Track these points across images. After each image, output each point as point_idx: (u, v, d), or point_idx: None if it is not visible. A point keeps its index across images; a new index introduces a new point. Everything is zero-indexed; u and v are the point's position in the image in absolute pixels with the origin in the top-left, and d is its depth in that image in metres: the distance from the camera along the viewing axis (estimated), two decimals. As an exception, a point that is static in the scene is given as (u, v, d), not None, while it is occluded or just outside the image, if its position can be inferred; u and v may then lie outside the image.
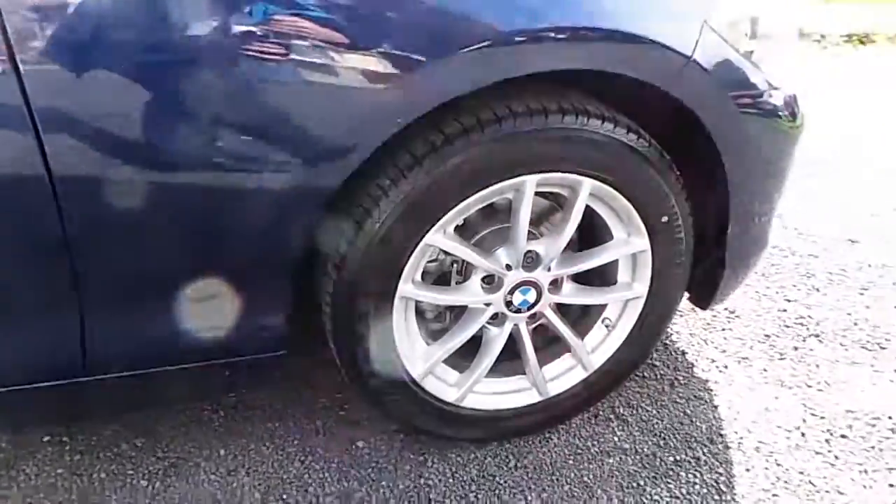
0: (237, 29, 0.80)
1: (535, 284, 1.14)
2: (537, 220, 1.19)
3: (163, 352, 0.97)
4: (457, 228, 1.13)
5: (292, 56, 0.83)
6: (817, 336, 1.62)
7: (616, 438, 1.31)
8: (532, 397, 1.25)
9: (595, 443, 1.30)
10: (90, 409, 1.08)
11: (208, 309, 0.96)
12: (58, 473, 1.19)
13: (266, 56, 0.82)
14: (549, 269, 1.14)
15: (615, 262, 1.20)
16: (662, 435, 1.32)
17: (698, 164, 1.15)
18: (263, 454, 1.25)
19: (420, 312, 1.19)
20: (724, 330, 1.65)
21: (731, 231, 1.20)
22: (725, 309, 1.72)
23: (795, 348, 1.58)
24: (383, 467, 1.23)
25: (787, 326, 1.66)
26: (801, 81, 1.25)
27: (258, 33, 0.81)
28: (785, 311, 1.73)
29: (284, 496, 1.16)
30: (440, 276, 1.18)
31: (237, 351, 1.01)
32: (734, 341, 1.61)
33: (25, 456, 1.22)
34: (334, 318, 1.05)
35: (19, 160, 0.78)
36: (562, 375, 1.27)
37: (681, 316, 1.68)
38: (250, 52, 0.81)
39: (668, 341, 1.60)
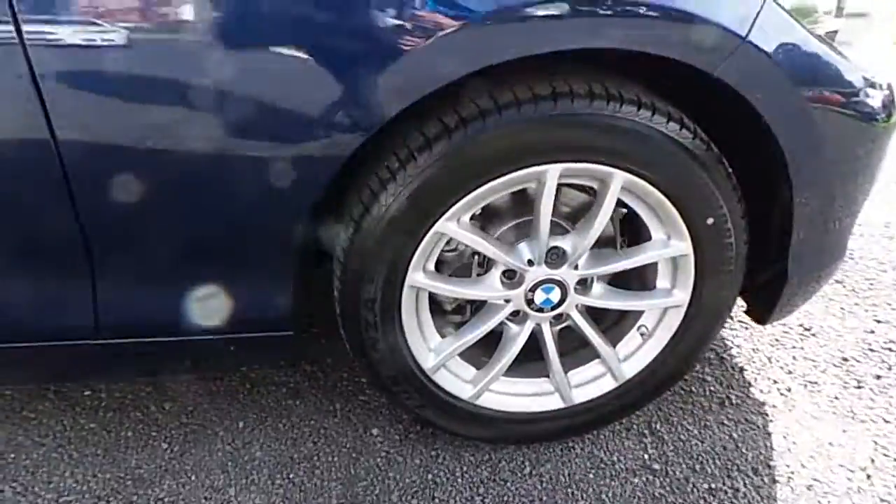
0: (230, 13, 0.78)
1: (559, 283, 1.05)
2: (574, 215, 1.10)
3: (168, 323, 0.98)
4: (483, 216, 1.08)
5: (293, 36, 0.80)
6: (907, 365, 1.42)
7: (646, 456, 1.20)
8: (555, 402, 1.17)
9: (622, 458, 1.20)
10: (98, 372, 1.12)
11: (213, 284, 0.96)
12: (90, 427, 1.25)
13: (265, 38, 0.80)
14: (576, 268, 1.05)
15: (654, 265, 1.09)
16: (700, 458, 1.20)
17: (762, 161, 1.01)
18: (279, 431, 1.25)
19: (438, 303, 1.14)
20: (794, 348, 1.47)
21: (794, 238, 1.06)
22: (800, 325, 1.54)
23: (878, 377, 1.39)
24: (393, 458, 1.20)
25: (872, 350, 1.46)
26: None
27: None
28: (872, 332, 1.52)
29: (291, 475, 1.16)
30: (462, 266, 1.12)
31: (241, 328, 1.00)
32: (804, 362, 1.43)
33: (65, 408, 1.29)
34: (342, 303, 1.02)
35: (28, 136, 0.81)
36: (589, 383, 1.18)
37: (745, 328, 1.53)
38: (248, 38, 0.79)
39: (725, 355, 1.45)
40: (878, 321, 1.56)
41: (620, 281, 1.15)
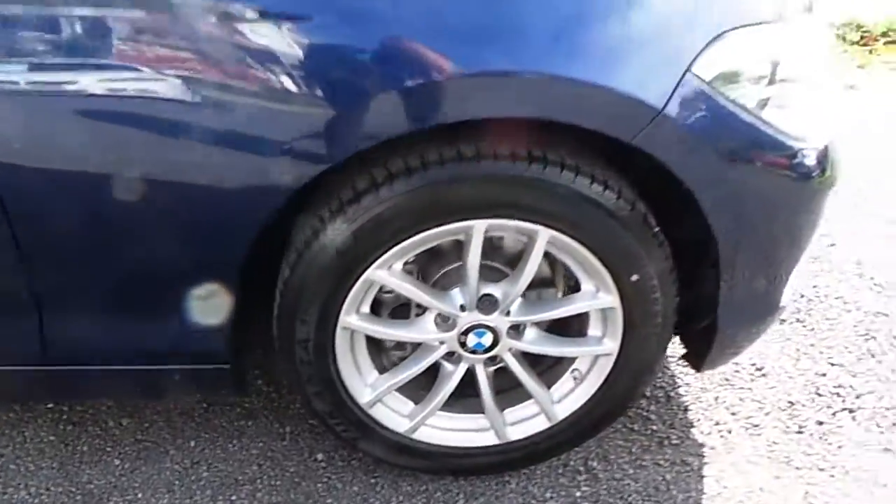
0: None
1: (491, 328, 1.09)
2: (515, 259, 1.13)
3: (112, 351, 1.03)
4: (421, 260, 1.11)
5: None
6: (851, 412, 1.43)
7: (578, 494, 1.24)
8: (490, 439, 1.21)
9: (554, 495, 1.23)
10: (47, 395, 1.18)
11: (152, 315, 1.01)
12: (49, 440, 1.31)
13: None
14: (507, 314, 1.08)
15: (587, 313, 1.12)
16: (631, 499, 1.23)
17: (691, 221, 1.03)
18: (228, 451, 1.30)
19: (378, 340, 1.18)
20: (742, 388, 1.49)
21: (722, 293, 1.08)
22: (753, 364, 1.56)
23: (820, 423, 1.41)
24: (333, 484, 1.24)
25: (819, 395, 1.48)
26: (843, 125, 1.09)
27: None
28: (824, 375, 1.54)
29: (233, 498, 1.21)
30: (400, 306, 1.16)
31: (178, 360, 1.05)
32: (750, 404, 1.46)
33: (28, 420, 1.35)
34: (279, 338, 1.07)
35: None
36: (524, 421, 1.21)
37: (697, 366, 1.55)
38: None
39: (672, 393, 1.48)
40: (832, 364, 1.57)
41: (560, 325, 1.18)
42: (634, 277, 1.02)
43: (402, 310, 1.16)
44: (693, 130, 0.91)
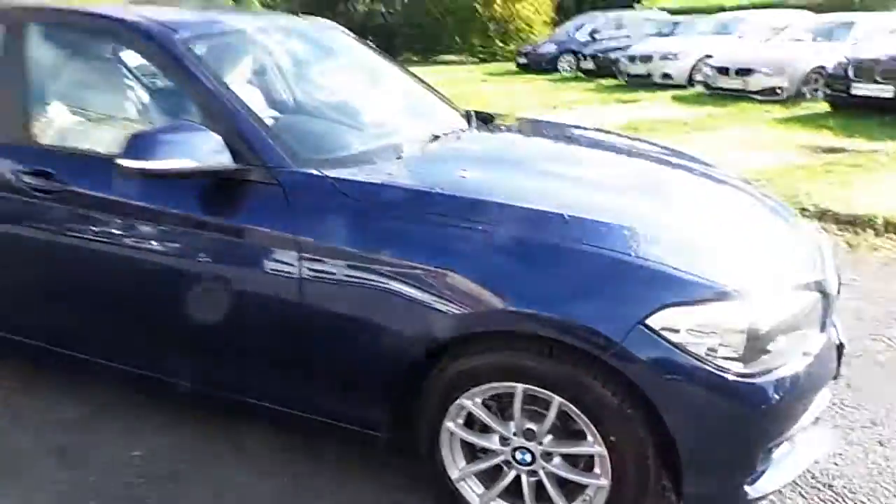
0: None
1: (530, 450, 1.79)
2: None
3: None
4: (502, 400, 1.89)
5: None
6: None
7: (581, 584, 1.80)
8: (532, 528, 1.87)
9: (564, 579, 1.82)
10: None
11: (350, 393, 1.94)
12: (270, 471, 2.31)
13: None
14: (540, 444, 1.78)
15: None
16: None
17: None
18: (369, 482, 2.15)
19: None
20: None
21: (686, 489, 1.65)
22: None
23: None
24: (431, 527, 2.00)
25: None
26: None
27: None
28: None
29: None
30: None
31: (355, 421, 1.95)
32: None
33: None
34: (416, 426, 1.91)
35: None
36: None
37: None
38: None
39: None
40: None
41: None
42: (612, 438, 1.66)
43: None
44: (644, 362, 1.57)
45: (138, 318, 2.17)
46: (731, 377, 1.58)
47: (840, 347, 1.97)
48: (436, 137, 2.42)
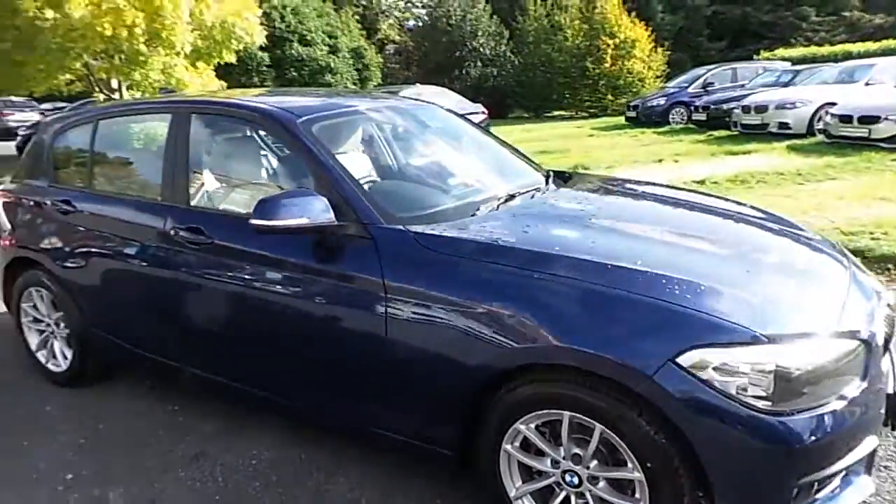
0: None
1: (577, 473, 2.02)
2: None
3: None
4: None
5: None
6: None
7: None
8: (575, 545, 2.07)
9: None
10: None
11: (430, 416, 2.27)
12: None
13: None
14: (587, 468, 2.01)
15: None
16: None
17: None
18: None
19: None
20: None
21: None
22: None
23: None
24: (494, 541, 2.25)
25: None
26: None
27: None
28: None
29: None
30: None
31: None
32: None
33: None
34: (478, 448, 2.20)
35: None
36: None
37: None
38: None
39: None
40: None
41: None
42: (648, 464, 1.86)
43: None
44: (671, 393, 1.77)
45: (266, 348, 2.66)
46: (759, 415, 1.74)
47: (892, 396, 2.03)
48: (511, 196, 2.76)
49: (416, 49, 33.33)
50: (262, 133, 2.96)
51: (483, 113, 13.09)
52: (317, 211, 2.31)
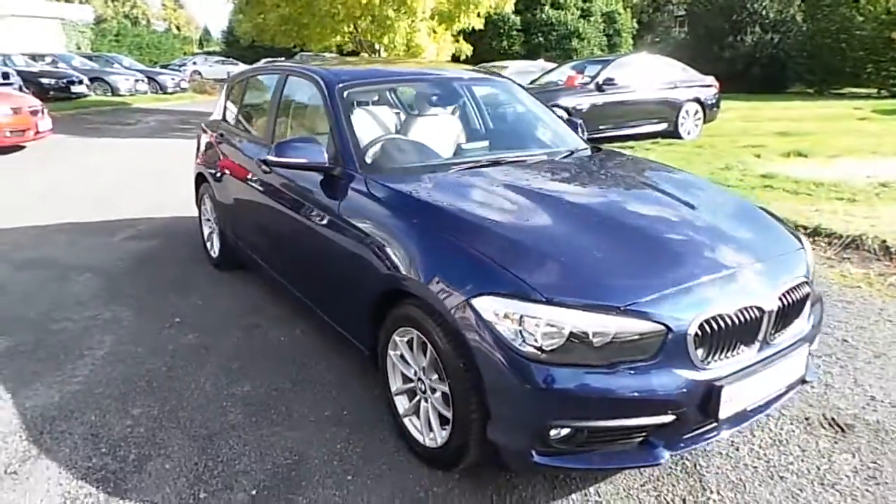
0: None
1: (424, 383, 2.53)
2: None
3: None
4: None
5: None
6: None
7: (435, 489, 2.45)
8: None
9: (428, 482, 2.48)
10: None
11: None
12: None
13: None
14: (430, 379, 2.50)
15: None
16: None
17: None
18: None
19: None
20: None
21: (489, 435, 2.19)
22: None
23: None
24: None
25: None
26: None
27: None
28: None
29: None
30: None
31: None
32: None
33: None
34: (378, 351, 2.81)
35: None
36: None
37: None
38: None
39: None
40: None
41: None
42: (450, 382, 2.30)
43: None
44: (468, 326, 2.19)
45: (292, 251, 3.59)
46: (526, 359, 2.06)
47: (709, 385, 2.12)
48: (481, 165, 3.24)
49: (688, 13, 30.94)
50: (314, 90, 3.82)
51: (713, 86, 12.25)
52: (314, 154, 3.10)
